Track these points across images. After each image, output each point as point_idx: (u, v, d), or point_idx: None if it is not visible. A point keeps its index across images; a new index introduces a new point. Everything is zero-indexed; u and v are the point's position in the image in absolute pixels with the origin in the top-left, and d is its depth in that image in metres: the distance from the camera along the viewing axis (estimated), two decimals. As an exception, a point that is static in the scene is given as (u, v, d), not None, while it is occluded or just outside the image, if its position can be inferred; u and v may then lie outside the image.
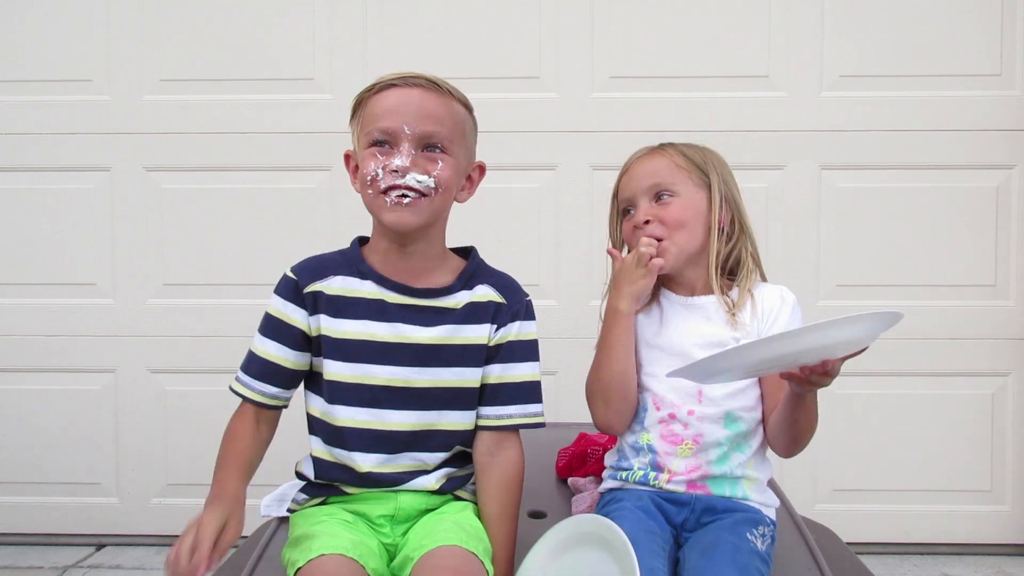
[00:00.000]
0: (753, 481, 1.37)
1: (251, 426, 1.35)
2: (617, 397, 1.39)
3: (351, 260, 1.36)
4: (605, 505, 1.40)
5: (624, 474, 1.41)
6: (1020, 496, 2.54)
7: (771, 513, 1.38)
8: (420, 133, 1.28)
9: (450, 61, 2.46)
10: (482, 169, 1.41)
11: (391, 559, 1.31)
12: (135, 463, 2.60)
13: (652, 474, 1.37)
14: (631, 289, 1.39)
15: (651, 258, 1.38)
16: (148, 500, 2.61)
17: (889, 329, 1.10)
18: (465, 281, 1.37)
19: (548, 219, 2.51)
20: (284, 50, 2.52)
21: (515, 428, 1.36)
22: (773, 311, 1.40)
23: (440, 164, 1.29)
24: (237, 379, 1.37)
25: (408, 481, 1.33)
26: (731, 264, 1.45)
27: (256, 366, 1.35)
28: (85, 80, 2.54)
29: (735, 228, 1.45)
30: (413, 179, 1.27)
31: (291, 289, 1.34)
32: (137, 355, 2.58)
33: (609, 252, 1.47)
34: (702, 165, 1.44)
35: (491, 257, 1.43)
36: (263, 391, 1.35)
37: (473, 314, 1.36)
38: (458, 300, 1.36)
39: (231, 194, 2.54)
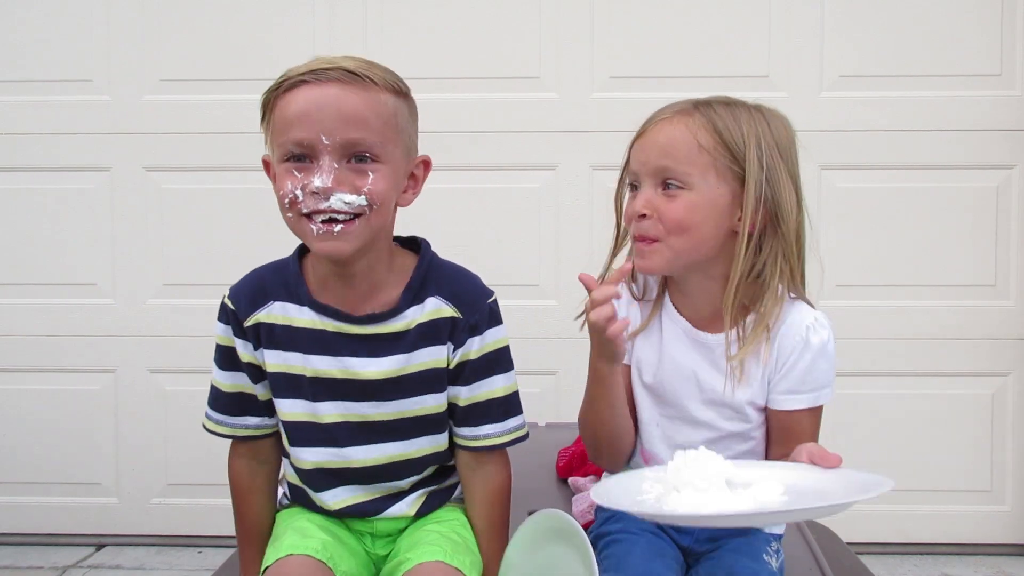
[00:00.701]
0: None
1: (250, 469, 1.26)
2: (606, 450, 1.25)
3: (289, 282, 1.21)
4: (605, 523, 1.28)
5: None
6: (1020, 496, 2.54)
7: (778, 528, 1.31)
8: (342, 142, 1.06)
9: (450, 61, 2.46)
10: (427, 164, 1.20)
11: (373, 563, 1.28)
12: (135, 463, 2.60)
13: None
14: (606, 351, 1.14)
15: (607, 322, 1.08)
16: (148, 500, 2.61)
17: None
18: (414, 294, 1.19)
19: (548, 219, 2.51)
20: (284, 50, 2.51)
21: (495, 448, 1.24)
22: (790, 358, 1.15)
23: (371, 177, 1.08)
24: (208, 416, 1.24)
25: (383, 511, 1.24)
26: (752, 278, 1.15)
27: (224, 401, 1.24)
28: (85, 80, 2.54)
29: (767, 233, 1.13)
30: (339, 201, 1.06)
31: (232, 319, 1.21)
32: (137, 355, 2.58)
33: (580, 279, 1.14)
34: (737, 148, 1.11)
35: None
36: (245, 424, 1.24)
37: (426, 336, 1.18)
38: (408, 321, 1.18)
39: (231, 194, 2.53)
